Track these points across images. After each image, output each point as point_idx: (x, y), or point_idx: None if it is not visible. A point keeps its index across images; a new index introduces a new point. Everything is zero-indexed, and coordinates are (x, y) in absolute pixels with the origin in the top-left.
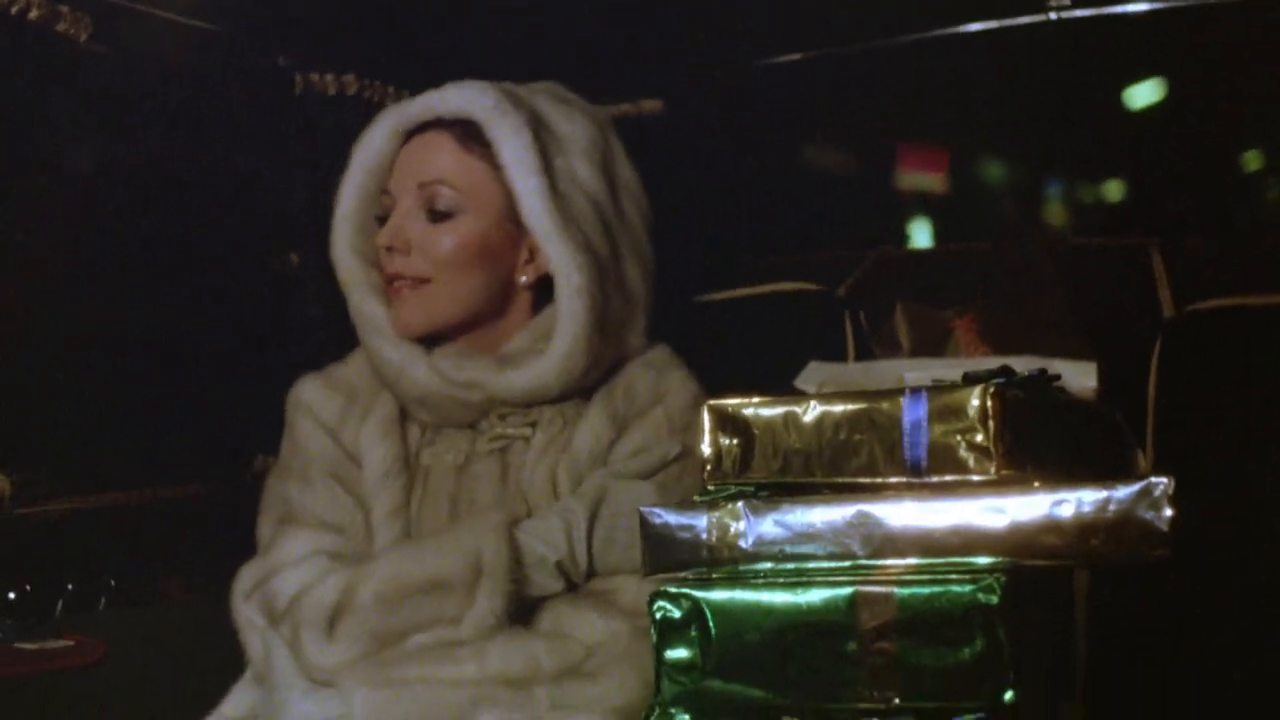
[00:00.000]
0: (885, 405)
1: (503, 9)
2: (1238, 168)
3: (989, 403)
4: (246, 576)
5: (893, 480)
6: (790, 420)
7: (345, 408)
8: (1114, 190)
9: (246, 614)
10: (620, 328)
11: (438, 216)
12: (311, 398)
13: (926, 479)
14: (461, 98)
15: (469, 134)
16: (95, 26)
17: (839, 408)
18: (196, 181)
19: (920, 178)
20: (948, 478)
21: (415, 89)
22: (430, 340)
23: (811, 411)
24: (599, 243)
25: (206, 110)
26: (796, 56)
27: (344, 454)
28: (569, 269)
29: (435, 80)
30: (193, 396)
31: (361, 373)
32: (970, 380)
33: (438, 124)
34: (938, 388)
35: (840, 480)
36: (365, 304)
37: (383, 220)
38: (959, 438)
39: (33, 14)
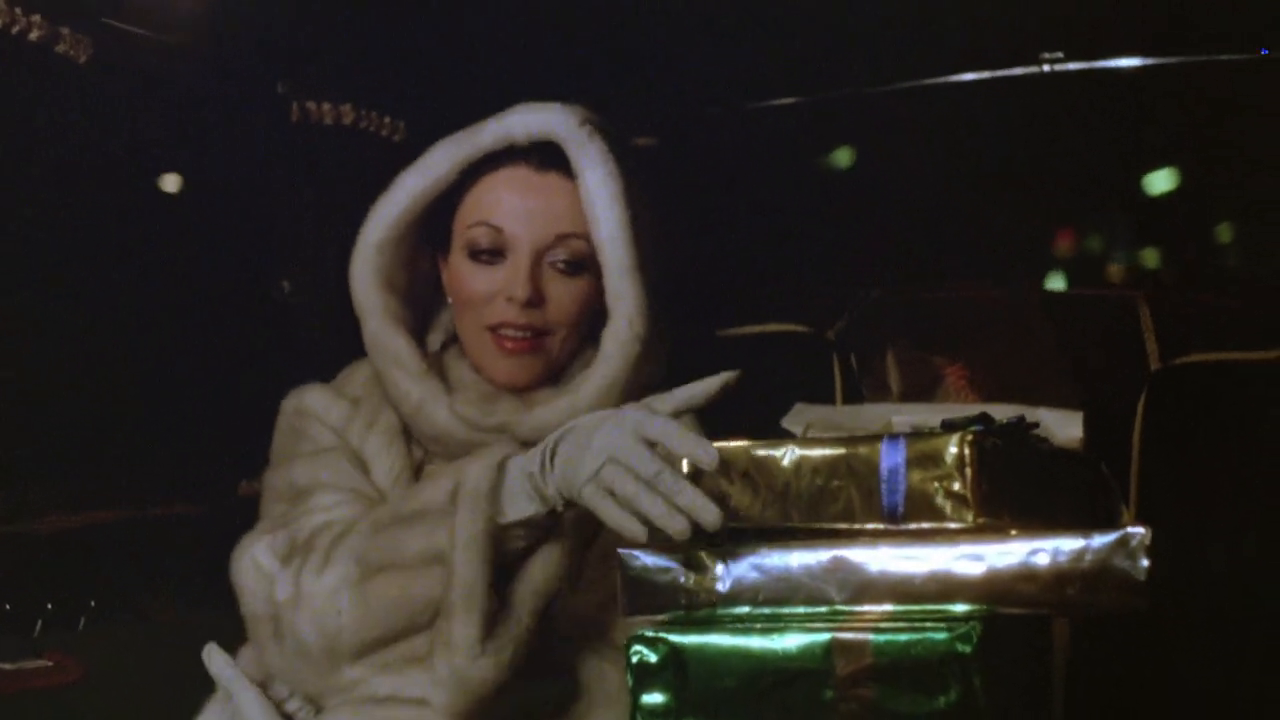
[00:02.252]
0: (863, 451)
1: (499, 43)
2: (1227, 222)
3: (966, 450)
4: (258, 534)
5: (869, 527)
6: (768, 464)
7: (350, 414)
8: (1102, 241)
9: (253, 558)
10: (647, 371)
11: (573, 270)
12: (315, 403)
13: (904, 525)
14: (541, 119)
15: (549, 159)
16: (95, 49)
17: (816, 453)
18: (190, 205)
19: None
20: (925, 525)
21: (412, 120)
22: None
23: (789, 456)
24: (656, 285)
25: (203, 135)
26: (790, 101)
27: (353, 453)
28: (633, 314)
29: (432, 112)
30: (179, 418)
31: (363, 384)
32: (948, 427)
33: (513, 153)
34: (916, 435)
35: (817, 526)
36: (384, 334)
37: (480, 253)
38: (936, 484)
39: (33, 35)
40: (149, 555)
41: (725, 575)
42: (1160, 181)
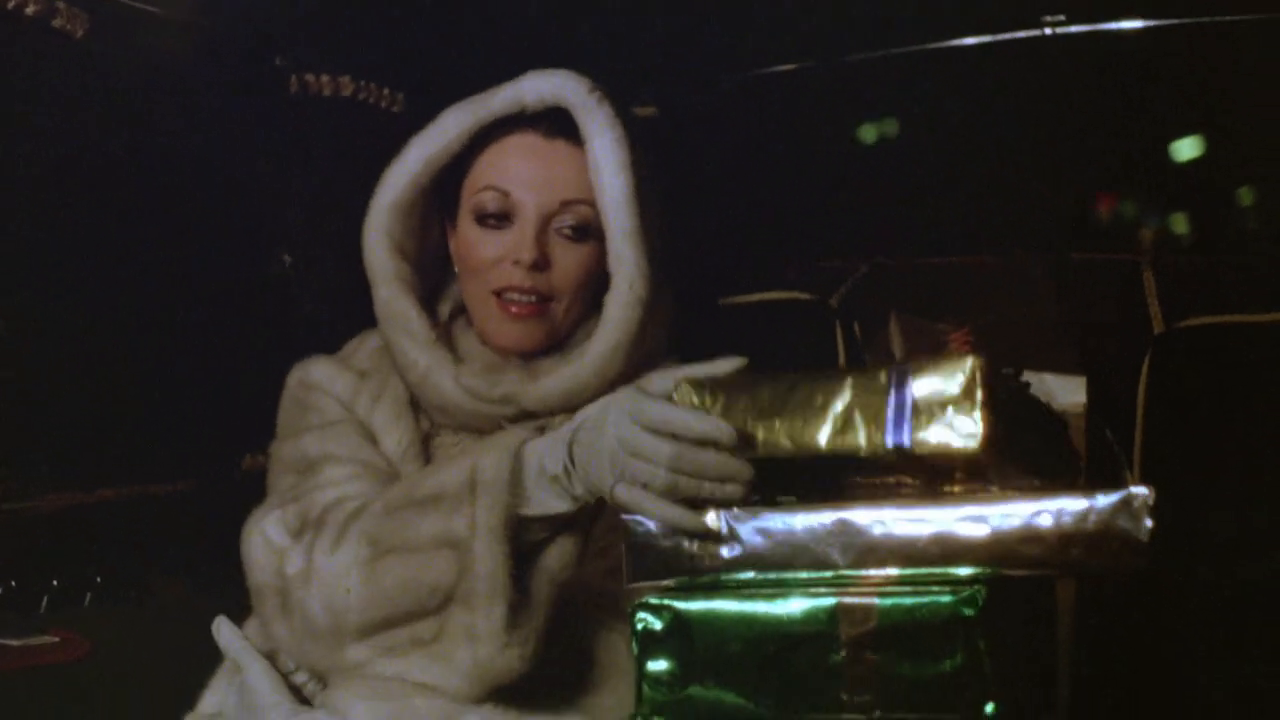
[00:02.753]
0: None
1: (498, 14)
2: (1229, 184)
3: (977, 372)
4: (268, 507)
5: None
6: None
7: (357, 386)
8: (1107, 205)
9: (264, 532)
10: (652, 338)
11: (579, 236)
12: (321, 375)
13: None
14: (552, 85)
15: (557, 126)
16: (92, 22)
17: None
18: (189, 179)
19: None
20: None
21: (411, 91)
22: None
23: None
24: (661, 251)
25: (201, 108)
26: (792, 66)
27: (361, 425)
28: (634, 277)
29: (430, 83)
30: (182, 394)
31: (370, 356)
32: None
33: (522, 119)
34: (922, 362)
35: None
36: (396, 300)
37: (487, 217)
38: (945, 410)
39: (30, 9)
40: (154, 532)
41: (730, 540)
42: (1169, 146)
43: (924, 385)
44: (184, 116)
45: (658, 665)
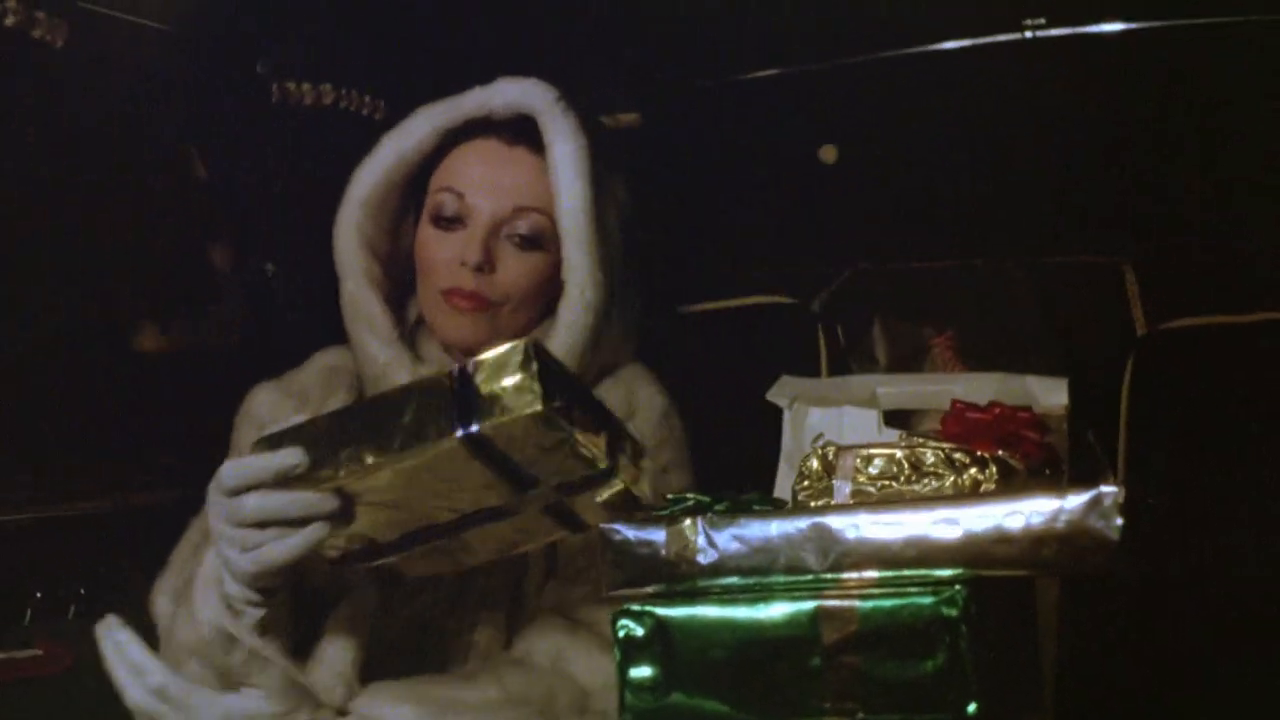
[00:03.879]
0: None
1: (481, 21)
2: (1211, 186)
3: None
4: (171, 564)
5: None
6: None
7: (295, 410)
8: (1088, 208)
9: (154, 603)
10: (608, 344)
11: (528, 244)
12: (258, 406)
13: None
14: (519, 91)
15: (521, 133)
16: (71, 32)
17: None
18: (171, 188)
19: None
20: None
21: (392, 99)
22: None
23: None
24: (618, 259)
25: (182, 116)
26: (774, 72)
27: None
28: (585, 284)
29: (412, 91)
30: (164, 403)
31: (314, 375)
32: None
33: (488, 125)
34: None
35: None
36: (360, 294)
37: (441, 219)
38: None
39: (9, 20)
40: (138, 543)
41: (706, 547)
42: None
43: (483, 374)
44: (165, 125)
45: (640, 672)
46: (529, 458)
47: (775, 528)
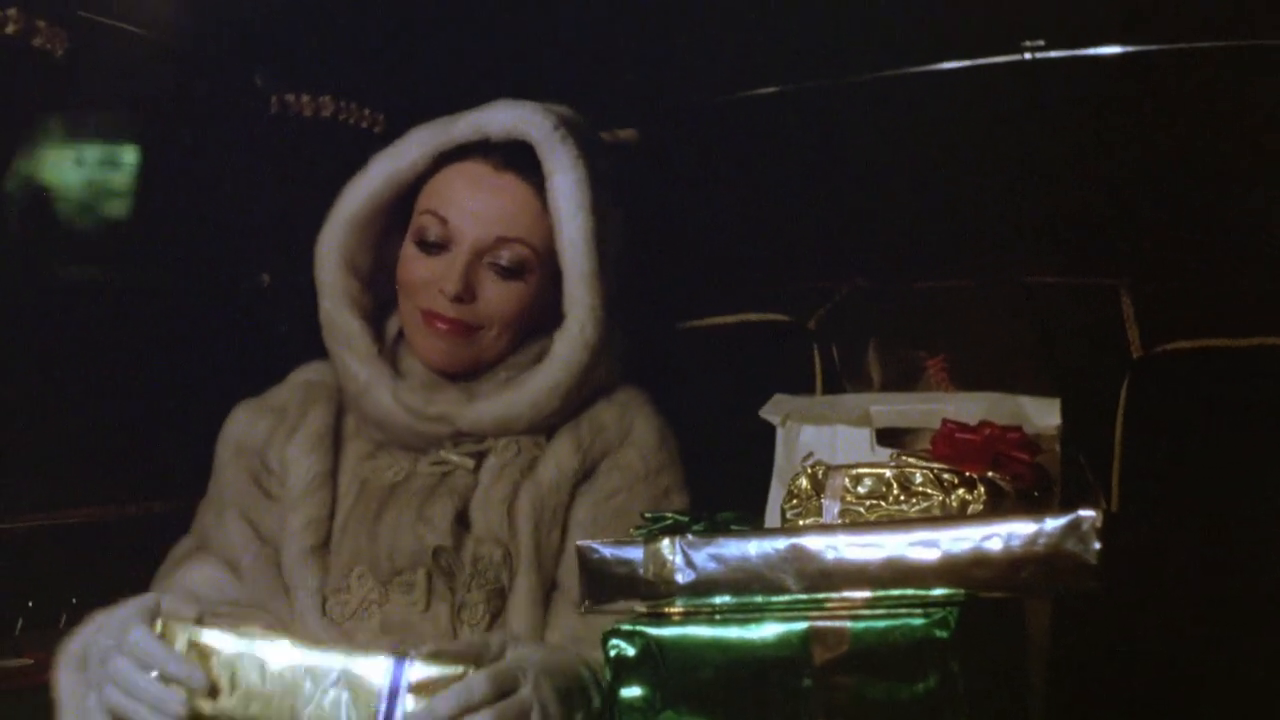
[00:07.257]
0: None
1: (481, 36)
2: (1208, 209)
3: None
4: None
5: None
6: None
7: (272, 428)
8: (1084, 230)
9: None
10: (603, 370)
11: (510, 274)
12: (236, 427)
13: None
14: (516, 117)
15: (513, 159)
16: (71, 41)
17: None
18: (168, 198)
19: None
20: None
21: (392, 112)
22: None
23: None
24: (615, 290)
25: (181, 127)
26: (773, 89)
27: (263, 480)
28: (585, 320)
29: (412, 105)
30: (157, 413)
31: (294, 390)
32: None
33: (481, 148)
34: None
35: None
36: (339, 314)
37: (425, 243)
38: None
39: (9, 28)
40: (130, 553)
41: (684, 567)
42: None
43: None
44: (164, 135)
45: (631, 691)
46: None
47: (753, 548)
